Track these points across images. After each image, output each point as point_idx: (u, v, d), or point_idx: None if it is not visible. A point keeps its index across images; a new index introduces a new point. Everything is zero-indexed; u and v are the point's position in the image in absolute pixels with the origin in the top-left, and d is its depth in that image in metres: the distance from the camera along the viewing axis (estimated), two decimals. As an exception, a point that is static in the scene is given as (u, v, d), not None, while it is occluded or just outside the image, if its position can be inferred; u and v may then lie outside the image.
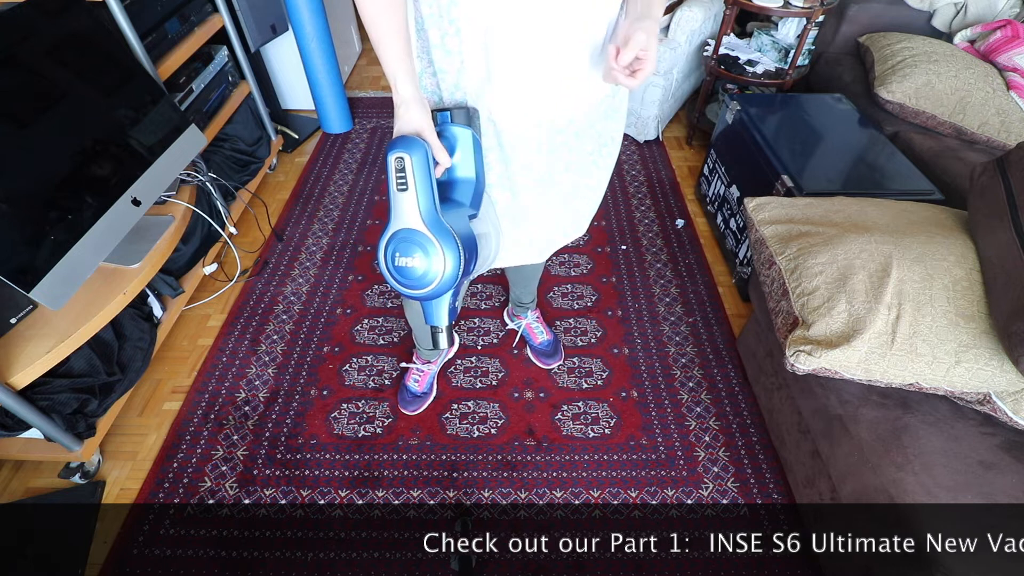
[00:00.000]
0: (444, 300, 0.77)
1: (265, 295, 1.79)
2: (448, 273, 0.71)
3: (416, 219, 0.70)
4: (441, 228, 0.70)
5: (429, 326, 0.79)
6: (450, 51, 0.80)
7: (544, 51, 0.78)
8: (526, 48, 0.78)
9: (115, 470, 1.36)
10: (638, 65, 0.72)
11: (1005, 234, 1.02)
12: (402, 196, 0.69)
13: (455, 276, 0.72)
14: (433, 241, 0.70)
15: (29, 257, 1.04)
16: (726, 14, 2.13)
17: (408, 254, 0.71)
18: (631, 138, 2.51)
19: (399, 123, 0.76)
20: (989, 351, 0.97)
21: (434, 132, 0.76)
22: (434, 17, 0.78)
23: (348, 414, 1.47)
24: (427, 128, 0.75)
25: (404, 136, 0.71)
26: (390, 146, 0.70)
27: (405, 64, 0.76)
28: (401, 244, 0.71)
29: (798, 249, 1.16)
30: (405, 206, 0.70)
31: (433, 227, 0.70)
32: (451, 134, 0.79)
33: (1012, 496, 0.93)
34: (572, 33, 0.77)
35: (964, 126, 1.78)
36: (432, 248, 0.70)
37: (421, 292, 0.73)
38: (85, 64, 1.25)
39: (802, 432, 1.23)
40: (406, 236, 0.70)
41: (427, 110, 0.76)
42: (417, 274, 0.71)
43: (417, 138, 0.71)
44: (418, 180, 0.69)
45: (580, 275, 1.87)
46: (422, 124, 0.75)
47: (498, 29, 0.76)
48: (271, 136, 2.26)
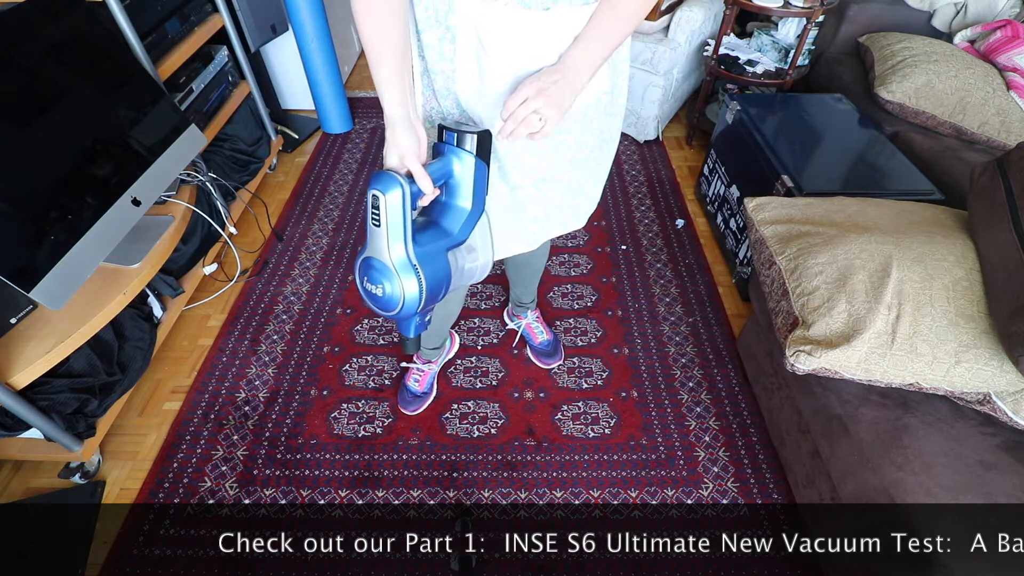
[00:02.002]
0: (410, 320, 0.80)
1: (265, 295, 1.79)
2: (407, 305, 0.74)
3: (384, 254, 0.71)
4: (406, 266, 0.72)
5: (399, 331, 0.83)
6: (444, 55, 0.81)
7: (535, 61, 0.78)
8: (516, 57, 0.78)
9: (115, 470, 1.36)
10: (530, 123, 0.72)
11: (1005, 234, 1.02)
12: (375, 230, 0.71)
13: (414, 308, 0.74)
14: (396, 277, 0.72)
15: (29, 257, 1.04)
16: (726, 14, 2.13)
17: (374, 282, 0.74)
18: (631, 138, 2.51)
19: (386, 146, 0.76)
20: (989, 351, 0.97)
21: (417, 158, 0.74)
22: (431, 21, 0.78)
23: (348, 414, 1.47)
24: (410, 154, 0.74)
25: (385, 173, 0.70)
26: (371, 179, 0.70)
27: (396, 85, 0.75)
28: (369, 271, 0.74)
29: (798, 249, 1.16)
30: (376, 240, 0.71)
31: (399, 266, 0.72)
32: (450, 160, 0.76)
33: (1012, 496, 0.93)
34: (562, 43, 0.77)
35: (964, 126, 1.78)
36: (395, 283, 0.72)
37: (386, 314, 0.76)
38: (85, 64, 1.25)
39: (802, 432, 1.23)
40: (373, 265, 0.73)
41: (413, 132, 0.75)
42: (381, 300, 0.74)
43: (395, 176, 0.69)
44: (390, 220, 0.69)
45: (580, 275, 1.87)
46: (405, 149, 0.74)
47: (489, 39, 0.76)
48: (271, 136, 2.26)
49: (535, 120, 0.72)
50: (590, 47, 0.75)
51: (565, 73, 0.73)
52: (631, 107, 2.37)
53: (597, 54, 0.76)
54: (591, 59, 0.75)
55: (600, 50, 0.76)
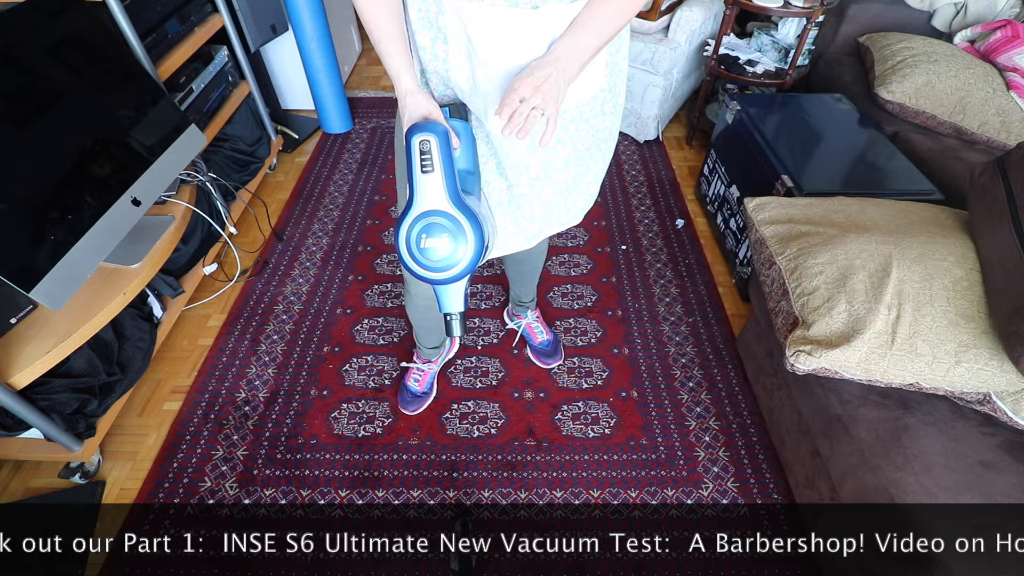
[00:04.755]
0: (461, 285, 0.77)
1: (265, 295, 1.79)
2: (471, 255, 0.72)
3: (443, 200, 0.70)
4: (466, 208, 0.71)
5: (443, 314, 0.79)
6: (437, 56, 0.82)
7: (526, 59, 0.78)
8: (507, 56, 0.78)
9: (115, 470, 1.36)
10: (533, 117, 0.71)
11: (1005, 234, 1.02)
12: (427, 178, 0.70)
13: (477, 258, 0.72)
14: (460, 220, 0.70)
15: (29, 257, 1.04)
16: (726, 14, 2.13)
17: (435, 235, 0.71)
18: (631, 138, 2.51)
19: (408, 111, 0.77)
20: (989, 351, 0.97)
21: (443, 116, 0.77)
22: (423, 22, 0.79)
23: (348, 414, 1.47)
24: (436, 113, 0.77)
25: (427, 121, 0.73)
26: (411, 130, 0.71)
27: (406, 58, 0.78)
28: (428, 226, 0.71)
29: (798, 249, 1.16)
30: (431, 187, 0.70)
31: (460, 207, 0.70)
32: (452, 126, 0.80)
33: (1012, 496, 0.93)
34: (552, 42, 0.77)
35: (964, 126, 1.78)
36: (459, 228, 0.70)
37: (442, 275, 0.73)
38: (85, 64, 1.25)
39: (802, 432, 1.23)
40: (433, 217, 0.71)
41: (432, 98, 0.78)
42: (442, 255, 0.72)
43: (438, 122, 0.73)
44: (443, 161, 0.70)
45: (580, 275, 1.87)
46: (431, 109, 0.77)
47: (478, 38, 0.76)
48: (271, 136, 2.26)
49: (538, 116, 0.72)
50: (582, 37, 0.74)
51: (556, 64, 0.73)
52: (631, 107, 2.37)
53: (589, 44, 0.75)
54: (583, 49, 0.74)
55: (592, 41, 0.75)
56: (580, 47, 0.74)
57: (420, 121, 0.75)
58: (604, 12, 0.74)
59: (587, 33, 0.74)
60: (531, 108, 0.71)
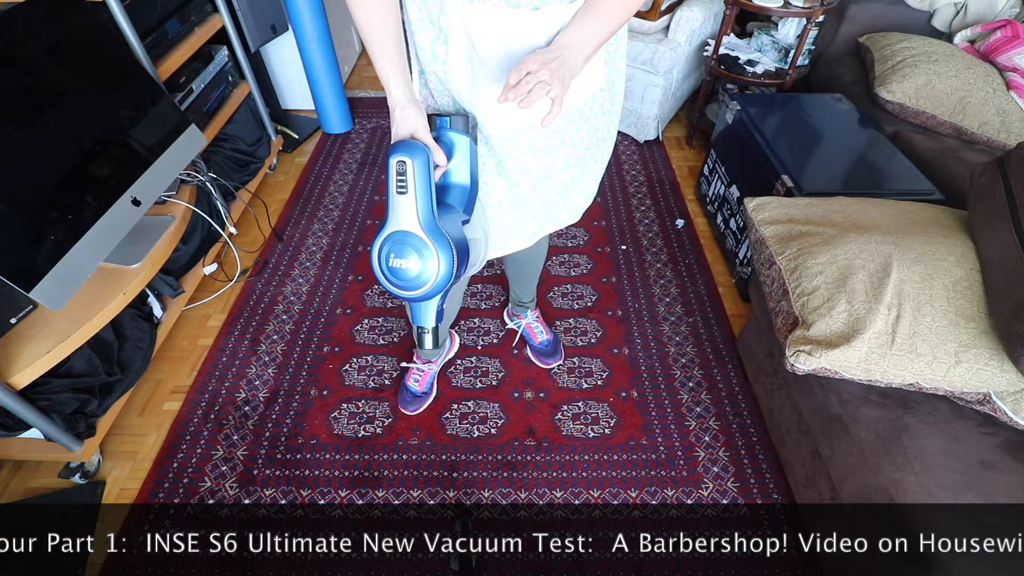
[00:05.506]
0: (433, 303, 0.78)
1: (265, 295, 1.79)
2: (441, 276, 0.72)
3: (413, 222, 0.70)
4: (436, 232, 0.71)
5: (416, 326, 0.80)
6: (437, 56, 0.81)
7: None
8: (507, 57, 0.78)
9: (115, 470, 1.36)
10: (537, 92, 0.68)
11: (1005, 234, 1.02)
12: (401, 199, 0.70)
13: (447, 279, 0.73)
14: (428, 244, 0.70)
15: (29, 257, 1.04)
16: (726, 14, 2.13)
17: (402, 256, 0.72)
18: (631, 138, 2.51)
19: (395, 126, 0.76)
20: (989, 351, 0.97)
21: (429, 134, 0.76)
22: (424, 23, 0.79)
23: (348, 414, 1.47)
24: (422, 129, 0.75)
25: (407, 140, 0.72)
26: (391, 149, 0.70)
27: (398, 68, 0.76)
28: (396, 246, 0.72)
29: (798, 249, 1.16)
30: (403, 209, 0.70)
31: (429, 231, 0.71)
32: (449, 139, 0.80)
33: (1012, 496, 0.93)
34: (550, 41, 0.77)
35: (964, 126, 1.78)
36: (427, 251, 0.71)
37: (412, 294, 0.74)
38: (85, 64, 1.25)
39: (802, 432, 1.23)
40: (402, 238, 0.71)
41: (422, 112, 0.77)
42: (410, 276, 0.72)
43: (419, 143, 0.72)
44: (418, 184, 0.70)
45: (580, 275, 1.87)
46: (417, 125, 0.75)
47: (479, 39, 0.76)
48: (271, 136, 2.26)
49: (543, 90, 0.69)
50: (586, 30, 0.74)
51: (562, 52, 0.72)
52: (631, 107, 2.37)
53: (594, 36, 0.74)
54: (587, 41, 0.74)
55: (596, 33, 0.74)
56: (585, 38, 0.73)
57: (404, 139, 0.74)
58: (607, 5, 0.73)
59: (591, 25, 0.74)
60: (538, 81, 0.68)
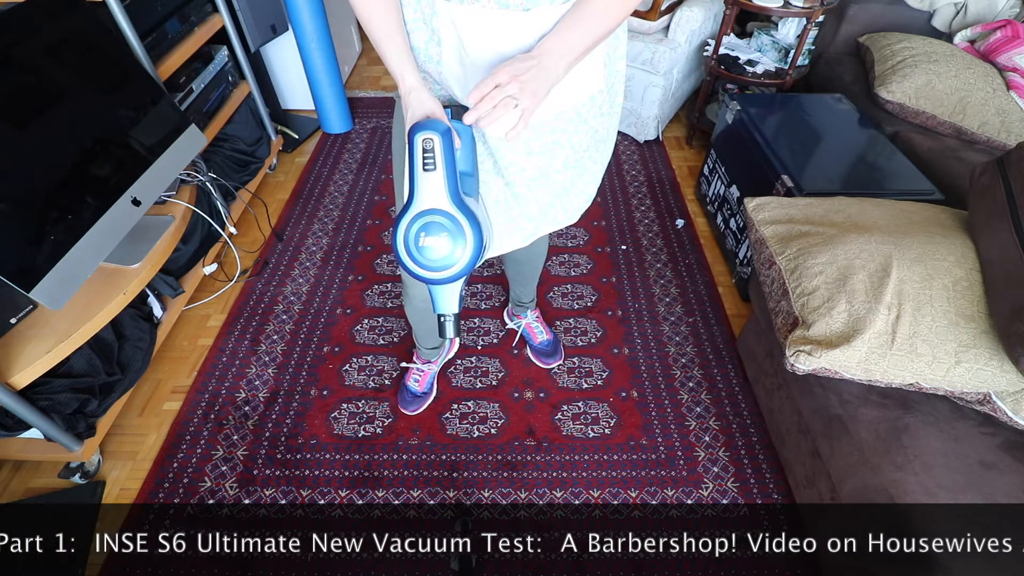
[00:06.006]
0: (457, 286, 0.76)
1: (265, 295, 1.79)
2: (470, 255, 0.71)
3: (444, 199, 0.70)
4: (466, 208, 0.71)
5: (437, 315, 0.79)
6: (431, 57, 0.82)
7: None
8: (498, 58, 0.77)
9: (115, 470, 1.36)
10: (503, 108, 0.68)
11: (1005, 234, 1.02)
12: (429, 176, 0.69)
13: (475, 258, 0.72)
14: (460, 220, 0.70)
15: (29, 257, 1.04)
16: (726, 14, 2.13)
17: (434, 233, 0.71)
18: (631, 138, 2.51)
19: (412, 108, 0.76)
20: (989, 351, 0.97)
21: (446, 115, 0.77)
22: (419, 23, 0.79)
23: (348, 414, 1.47)
24: (440, 111, 0.76)
25: (429, 120, 0.72)
26: (414, 128, 0.70)
27: (408, 56, 0.77)
28: (428, 224, 0.71)
29: (798, 249, 1.16)
30: (432, 186, 0.70)
31: (460, 206, 0.70)
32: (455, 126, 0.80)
33: (1012, 496, 0.93)
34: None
35: (964, 126, 1.78)
36: (459, 227, 0.70)
37: (439, 275, 0.73)
38: (85, 64, 1.25)
39: (802, 432, 1.23)
40: (433, 216, 0.70)
41: (432, 95, 0.77)
42: (440, 255, 0.71)
43: (441, 121, 0.72)
44: (445, 160, 0.69)
45: (580, 275, 1.87)
46: (434, 108, 0.76)
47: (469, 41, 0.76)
48: (271, 136, 2.26)
49: (510, 105, 0.69)
50: (569, 36, 0.72)
51: (540, 60, 0.70)
52: (631, 107, 2.37)
53: (577, 43, 0.73)
54: (570, 47, 0.73)
55: (580, 40, 0.73)
56: (567, 44, 0.72)
57: (423, 119, 0.74)
58: (593, 10, 0.72)
59: (575, 31, 0.73)
60: (505, 96, 0.68)
